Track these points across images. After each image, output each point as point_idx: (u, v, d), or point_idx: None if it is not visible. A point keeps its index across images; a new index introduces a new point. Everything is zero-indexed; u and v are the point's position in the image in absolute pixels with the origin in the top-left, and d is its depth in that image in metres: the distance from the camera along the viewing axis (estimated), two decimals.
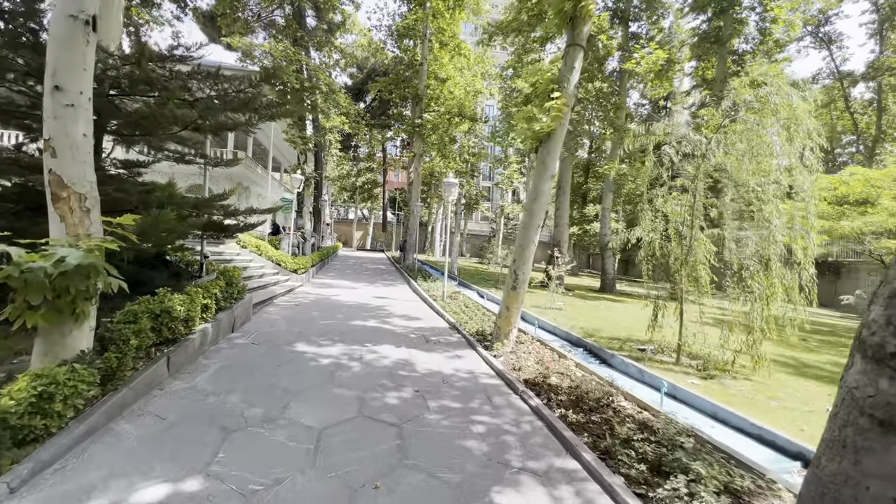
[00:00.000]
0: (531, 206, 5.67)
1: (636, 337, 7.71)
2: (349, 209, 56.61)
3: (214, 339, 5.11)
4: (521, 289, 5.82)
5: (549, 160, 5.56)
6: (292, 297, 9.81)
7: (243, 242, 12.16)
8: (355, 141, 42.65)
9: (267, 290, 9.49)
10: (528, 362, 5.19)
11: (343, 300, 9.82)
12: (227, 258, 10.25)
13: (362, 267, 20.47)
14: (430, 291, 11.31)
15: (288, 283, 11.50)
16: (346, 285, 12.97)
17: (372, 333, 6.45)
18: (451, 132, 21.69)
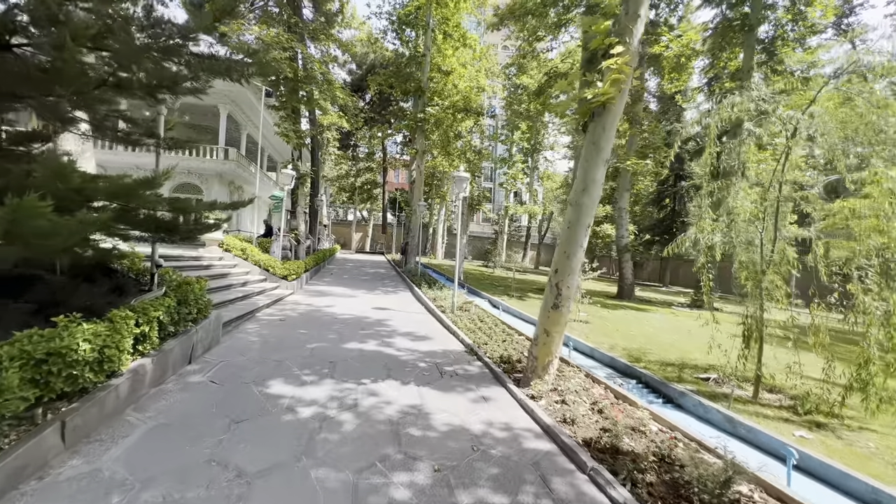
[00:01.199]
0: (579, 199, 4.35)
1: (691, 360, 6.37)
2: (348, 210, 55.33)
3: (157, 378, 3.77)
4: (566, 308, 4.48)
5: (604, 140, 4.24)
6: (279, 308, 8.46)
7: (227, 245, 10.82)
8: (354, 140, 41.43)
9: (249, 300, 8.14)
10: (581, 408, 3.86)
11: (338, 312, 8.47)
12: (204, 264, 8.91)
13: (361, 271, 19.13)
14: (437, 301, 9.97)
15: (276, 291, 10.15)
16: (342, 293, 11.62)
17: (371, 362, 5.10)
18: (456, 127, 20.39)
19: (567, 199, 4.48)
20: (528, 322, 9.02)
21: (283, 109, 15.78)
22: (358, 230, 46.21)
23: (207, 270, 8.76)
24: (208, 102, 21.94)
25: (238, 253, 10.93)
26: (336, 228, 45.34)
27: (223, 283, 8.35)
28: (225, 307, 6.90)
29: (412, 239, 19.63)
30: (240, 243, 11.12)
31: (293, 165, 15.54)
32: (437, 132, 20.24)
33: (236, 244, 10.99)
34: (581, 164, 4.39)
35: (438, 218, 37.12)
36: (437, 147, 22.94)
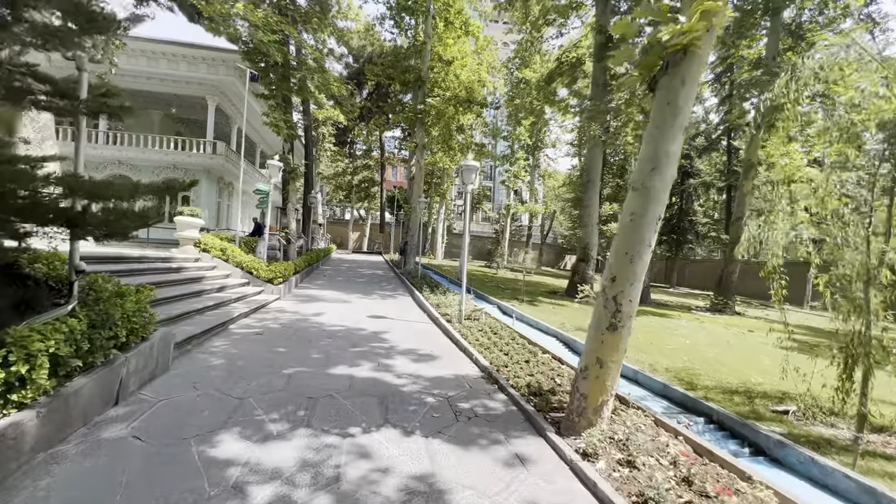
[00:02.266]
0: (648, 180, 3.15)
1: (755, 385, 5.21)
2: (345, 209, 54.10)
3: (49, 438, 2.58)
4: (626, 330, 3.31)
5: (682, 98, 3.07)
6: (259, 318, 7.27)
7: (204, 245, 9.62)
8: (351, 136, 40.22)
9: (223, 309, 6.94)
10: (659, 474, 2.70)
11: (328, 323, 7.29)
12: (173, 266, 7.70)
13: (357, 273, 17.94)
14: (442, 308, 8.79)
15: (259, 297, 8.96)
16: (334, 298, 10.44)
17: (363, 396, 3.93)
18: (458, 120, 19.22)
19: (629, 183, 3.30)
20: (550, 334, 7.86)
21: (273, 98, 14.57)
22: (355, 229, 45.00)
23: (177, 274, 7.57)
24: (195, 94, 20.75)
25: (217, 254, 9.74)
26: (332, 228, 44.13)
27: (193, 290, 7.15)
28: (186, 320, 5.71)
29: (411, 238, 18.44)
30: (220, 243, 9.92)
31: (282, 158, 14.33)
32: (439, 125, 19.07)
33: (215, 244, 9.79)
34: (649, 135, 3.21)
35: (438, 217, 35.95)
36: (438, 142, 21.79)
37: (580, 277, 14.14)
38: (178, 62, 19.50)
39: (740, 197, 15.27)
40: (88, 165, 20.40)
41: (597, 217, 14.44)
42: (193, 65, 19.60)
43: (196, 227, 9.47)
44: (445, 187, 33.00)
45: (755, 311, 16.25)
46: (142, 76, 19.82)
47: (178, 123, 25.41)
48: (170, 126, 24.56)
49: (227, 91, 21.14)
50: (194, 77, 19.79)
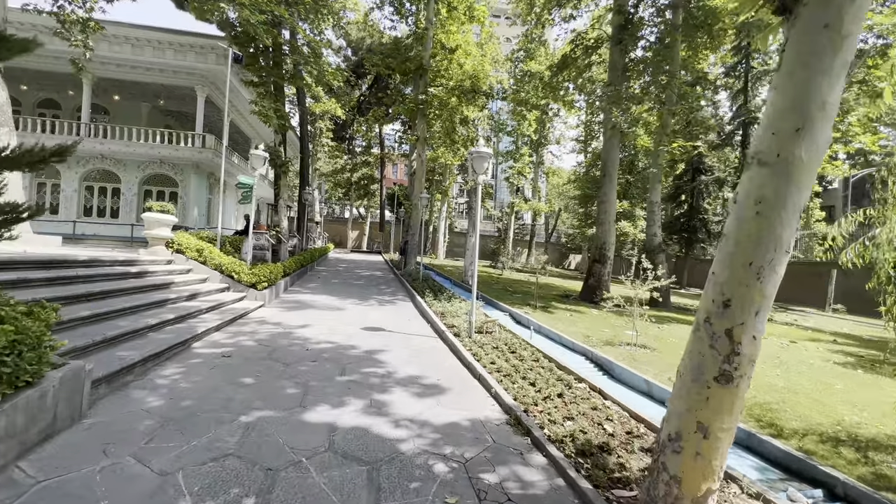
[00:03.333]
0: (790, 148, 1.98)
1: (854, 427, 4.06)
2: (344, 207, 52.96)
3: None
4: (745, 380, 2.15)
5: (851, 17, 1.92)
6: (232, 332, 6.13)
7: (178, 245, 8.48)
8: (350, 132, 39.05)
9: (186, 324, 5.79)
10: None
11: (313, 338, 6.15)
12: (133, 271, 6.57)
13: (354, 274, 16.79)
14: (448, 318, 7.65)
15: (238, 304, 7.82)
16: (326, 304, 9.29)
17: (343, 467, 2.78)
18: (462, 111, 18.04)
19: (748, 156, 2.11)
20: (576, 351, 6.69)
21: (263, 86, 13.41)
22: (354, 228, 43.88)
23: (136, 281, 6.42)
24: (183, 84, 19.59)
25: (193, 255, 8.59)
26: (331, 226, 43.01)
27: (154, 299, 6.00)
28: (130, 342, 4.55)
29: (412, 237, 17.29)
30: (196, 242, 8.78)
31: (272, 150, 13.18)
32: (441, 117, 17.90)
33: (191, 244, 8.65)
34: (786, 79, 2.04)
35: (440, 215, 34.76)
36: (440, 135, 20.62)
37: (596, 280, 12.99)
38: (164, 50, 18.34)
39: None
40: (69, 160, 19.29)
41: (614, 214, 13.28)
42: (181, 53, 18.43)
43: (167, 225, 8.32)
44: (447, 184, 31.79)
45: (778, 314, 15.09)
46: (126, 65, 18.69)
47: (168, 116, 24.27)
48: (159, 119, 23.42)
49: (218, 81, 19.94)
50: (182, 66, 18.62)
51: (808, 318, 15.90)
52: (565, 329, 8.03)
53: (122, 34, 17.59)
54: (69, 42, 12.52)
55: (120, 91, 20.90)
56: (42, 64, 17.80)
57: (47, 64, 17.54)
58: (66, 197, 18.83)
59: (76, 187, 18.84)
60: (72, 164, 18.81)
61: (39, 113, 21.29)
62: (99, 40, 18.01)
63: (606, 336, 7.78)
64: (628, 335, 8.16)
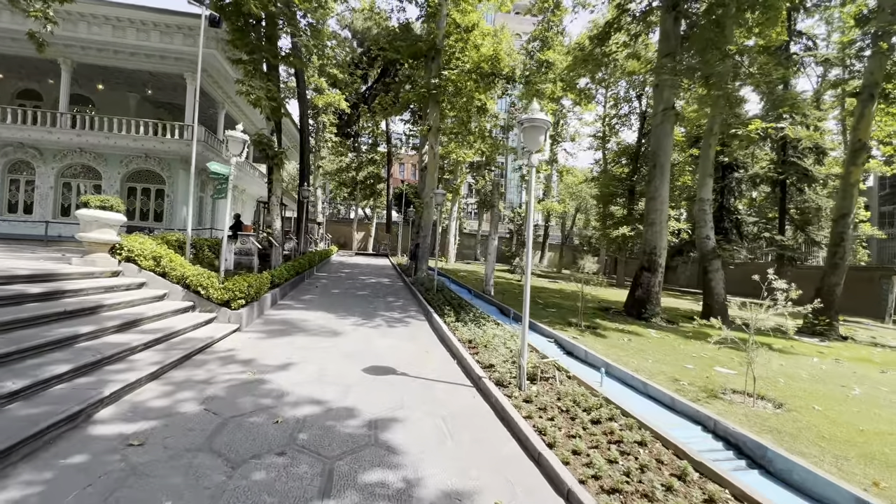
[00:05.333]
0: None
1: None
2: (350, 207, 51.16)
3: None
4: None
5: None
6: (174, 384, 4.15)
7: (128, 251, 6.54)
8: (355, 128, 37.17)
9: (99, 375, 3.81)
10: None
11: (292, 393, 4.15)
12: (45, 290, 4.61)
13: (358, 282, 14.81)
14: (482, 352, 5.63)
15: (201, 332, 5.85)
16: (320, 325, 7.31)
17: None
18: (479, 98, 16.01)
19: None
20: (681, 413, 4.49)
21: (252, 63, 11.48)
22: (359, 229, 42.00)
23: (39, 306, 4.47)
24: (171, 70, 17.76)
25: (148, 265, 6.64)
26: (335, 227, 41.21)
27: (56, 336, 4.03)
28: None
29: (424, 240, 15.29)
30: (154, 248, 6.82)
31: (262, 138, 11.23)
32: (456, 105, 15.91)
33: (146, 249, 6.69)
34: None
35: (450, 216, 32.69)
36: (455, 126, 18.62)
37: (644, 291, 10.90)
38: (148, 32, 16.53)
39: (844, 188, 11.91)
40: (45, 153, 17.52)
41: (667, 213, 11.16)
42: (167, 35, 16.61)
43: (112, 226, 6.37)
44: (458, 182, 29.75)
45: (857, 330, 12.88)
46: (108, 49, 16.90)
47: (160, 109, 22.50)
48: (150, 112, 21.64)
49: (210, 68, 18.09)
50: (169, 50, 16.79)
51: (871, 331, 13.68)
52: (636, 364, 5.98)
53: (102, 13, 15.79)
54: (26, 13, 10.67)
55: (104, 79, 19.14)
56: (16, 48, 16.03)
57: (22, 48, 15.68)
58: (40, 194, 17.05)
59: (52, 184, 17.06)
60: (48, 158, 17.04)
61: (19, 104, 19.59)
62: (76, 21, 16.27)
63: (693, 375, 5.72)
64: (722, 373, 6.09)
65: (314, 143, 27.75)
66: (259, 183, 25.62)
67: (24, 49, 15.57)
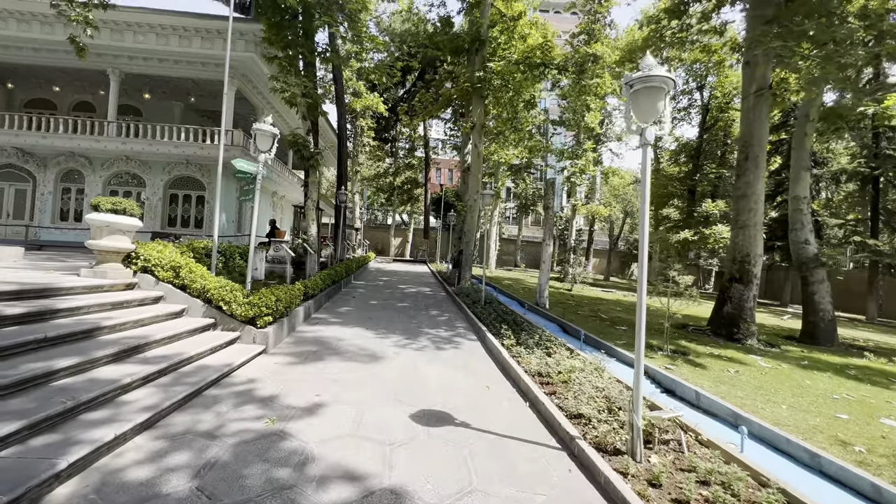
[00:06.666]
0: None
1: None
2: (387, 213, 50.93)
3: None
4: None
5: None
6: (169, 438, 3.14)
7: (145, 261, 5.74)
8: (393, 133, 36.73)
9: (67, 431, 2.84)
10: None
11: (320, 456, 3.02)
12: (20, 311, 3.76)
13: (398, 291, 13.79)
14: (562, 393, 4.31)
15: (218, 357, 4.90)
16: (357, 347, 6.23)
17: None
18: (528, 91, 14.70)
19: None
20: None
21: (287, 59, 10.80)
22: (397, 235, 41.47)
23: (18, 331, 3.62)
24: (213, 77, 17.67)
25: (166, 276, 5.82)
26: (372, 233, 40.89)
27: (18, 375, 3.12)
28: None
29: (467, 246, 14.09)
30: (172, 257, 6.00)
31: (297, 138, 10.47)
32: (502, 99, 14.68)
33: (164, 259, 5.88)
34: None
35: (491, 220, 31.31)
36: (498, 125, 17.38)
37: (735, 307, 9.12)
38: (190, 38, 16.46)
39: None
40: (94, 162, 17.83)
41: (762, 213, 9.32)
42: (208, 40, 16.49)
43: (127, 232, 5.61)
44: (499, 185, 28.41)
45: None
46: (154, 57, 17.00)
47: (203, 117, 22.74)
48: (193, 120, 21.87)
49: (249, 73, 17.91)
50: (210, 55, 16.67)
51: None
52: (770, 412, 4.45)
53: (146, 21, 15.86)
54: (68, 18, 10.52)
55: (151, 89, 19.44)
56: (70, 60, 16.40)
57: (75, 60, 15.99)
58: (89, 203, 17.36)
59: (100, 191, 17.31)
60: (96, 166, 17.34)
61: (75, 115, 20.27)
62: (123, 30, 16.45)
63: (858, 431, 4.13)
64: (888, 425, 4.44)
65: (352, 147, 27.36)
66: (298, 189, 25.40)
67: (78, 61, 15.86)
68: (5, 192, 17.65)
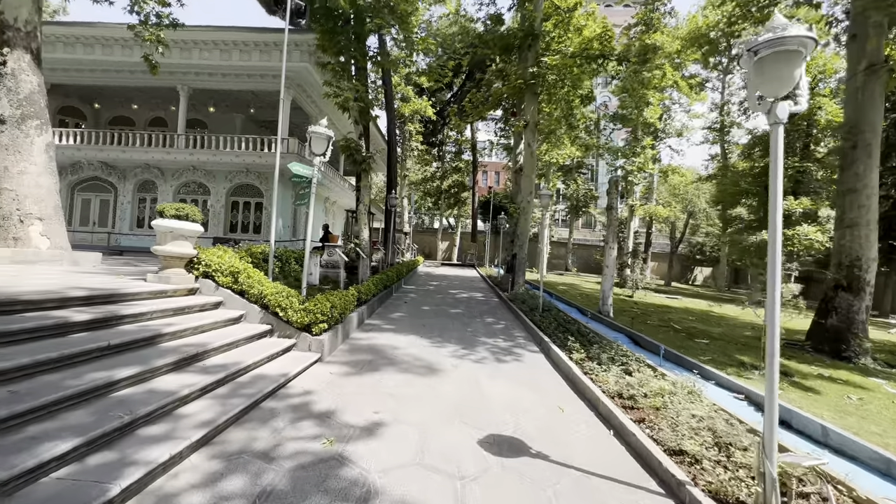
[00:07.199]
0: None
1: None
2: (433, 217, 51.12)
3: None
4: None
5: None
6: (224, 458, 2.92)
7: (206, 266, 5.76)
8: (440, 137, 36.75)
9: (122, 448, 2.67)
10: None
11: (380, 492, 2.65)
12: (87, 318, 3.74)
13: (449, 296, 13.44)
14: (656, 424, 3.66)
15: (275, 365, 4.74)
16: (413, 357, 5.89)
17: None
18: (587, 82, 13.86)
19: None
20: None
21: (339, 65, 10.84)
22: (444, 238, 41.39)
23: (83, 338, 3.59)
24: (271, 88, 18.39)
25: (226, 281, 5.81)
26: (420, 237, 41.08)
27: (81, 385, 3.03)
28: None
29: (521, 249, 13.49)
30: (232, 262, 5.99)
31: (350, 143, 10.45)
32: (556, 95, 13.96)
33: (223, 264, 5.87)
34: None
35: (541, 222, 30.20)
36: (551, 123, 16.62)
37: (843, 319, 7.84)
38: (250, 52, 17.20)
39: None
40: (165, 172, 19.12)
41: (876, 210, 7.95)
42: (266, 53, 17.15)
43: (188, 238, 5.65)
44: (550, 186, 27.38)
45: None
46: (217, 72, 17.96)
47: (262, 127, 23.84)
48: (252, 130, 23.00)
49: (304, 83, 18.44)
50: (268, 67, 17.34)
51: None
52: None
53: (211, 38, 16.78)
54: (143, 38, 11.22)
55: (215, 102, 20.61)
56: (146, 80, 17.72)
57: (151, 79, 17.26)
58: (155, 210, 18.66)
59: (170, 199, 18.52)
60: (167, 176, 18.59)
61: (150, 130, 21.98)
62: (191, 48, 17.53)
63: None
64: None
65: (400, 152, 27.56)
66: (349, 194, 25.98)
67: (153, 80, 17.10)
68: (92, 203, 19.40)
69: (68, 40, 17.01)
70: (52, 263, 7.14)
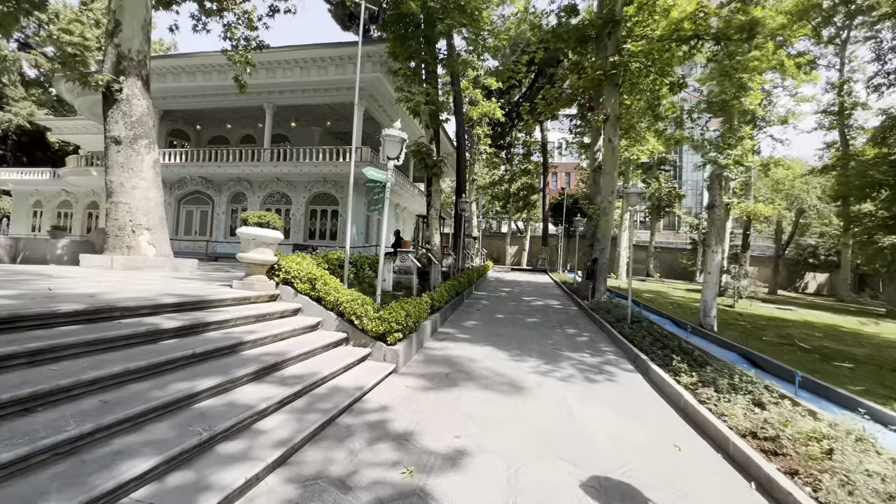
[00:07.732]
0: None
1: None
2: (502, 221, 50.34)
3: None
4: None
5: None
6: (300, 483, 2.70)
7: (286, 272, 5.82)
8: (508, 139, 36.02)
9: (199, 468, 2.54)
10: None
11: None
12: (177, 325, 3.79)
13: (522, 304, 12.76)
14: (833, 495, 2.80)
15: (351, 376, 4.56)
16: (492, 372, 5.42)
17: None
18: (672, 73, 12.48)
19: None
20: None
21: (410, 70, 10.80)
22: (513, 243, 40.46)
23: (172, 344, 3.63)
24: (345, 100, 19.18)
25: (304, 288, 5.82)
26: (488, 241, 40.56)
27: (165, 396, 2.99)
28: None
29: (602, 254, 12.43)
30: (309, 269, 6.00)
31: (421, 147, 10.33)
32: (641, 84, 12.73)
33: (302, 271, 5.90)
34: None
35: (621, 224, 28.19)
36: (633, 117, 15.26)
37: None
38: (326, 67, 18.06)
39: None
40: (254, 184, 20.72)
41: None
42: (341, 66, 17.88)
43: (269, 245, 5.75)
44: (629, 185, 25.38)
45: None
46: (298, 89, 19.12)
47: (337, 139, 25.02)
48: (329, 142, 24.18)
49: (375, 93, 18.95)
50: (343, 80, 18.07)
51: None
52: None
53: (292, 57, 17.88)
54: (234, 61, 12.10)
55: (296, 118, 22.00)
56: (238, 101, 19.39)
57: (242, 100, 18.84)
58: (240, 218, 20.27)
59: (258, 209, 20.02)
60: (255, 188, 20.13)
61: (241, 146, 24.10)
62: (275, 69, 18.86)
63: None
64: None
65: (469, 156, 27.37)
66: (418, 200, 26.30)
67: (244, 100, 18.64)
68: (193, 214, 21.66)
69: (176, 71, 19.18)
70: (156, 269, 7.79)
